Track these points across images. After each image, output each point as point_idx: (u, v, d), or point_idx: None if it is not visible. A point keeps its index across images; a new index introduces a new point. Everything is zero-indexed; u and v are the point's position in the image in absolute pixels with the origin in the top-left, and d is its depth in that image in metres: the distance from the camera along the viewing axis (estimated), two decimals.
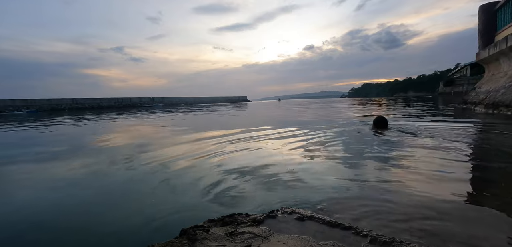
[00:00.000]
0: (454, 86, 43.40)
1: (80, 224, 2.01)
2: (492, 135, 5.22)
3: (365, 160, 3.41)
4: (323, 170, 3.04)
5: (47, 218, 2.14)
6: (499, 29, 13.81)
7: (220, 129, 7.79)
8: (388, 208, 1.92)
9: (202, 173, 3.16)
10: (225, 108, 24.64)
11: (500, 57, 11.98)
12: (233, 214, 1.78)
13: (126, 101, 48.46)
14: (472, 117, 8.58)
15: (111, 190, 2.79)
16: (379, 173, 2.82)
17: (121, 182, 3.03)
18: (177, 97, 61.14)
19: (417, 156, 3.48)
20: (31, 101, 37.22)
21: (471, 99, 13.62)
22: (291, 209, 1.83)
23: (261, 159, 3.69)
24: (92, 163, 4.01)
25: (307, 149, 4.28)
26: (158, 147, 5.03)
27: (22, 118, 19.14)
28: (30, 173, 3.66)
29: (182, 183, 2.81)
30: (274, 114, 14.45)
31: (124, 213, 2.18)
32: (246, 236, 1.50)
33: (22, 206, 2.42)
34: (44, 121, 14.17)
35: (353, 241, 1.43)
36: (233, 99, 79.34)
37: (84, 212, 2.23)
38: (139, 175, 3.23)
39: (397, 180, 2.57)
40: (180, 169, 3.39)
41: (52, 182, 3.15)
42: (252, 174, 2.98)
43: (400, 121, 7.89)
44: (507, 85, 10.32)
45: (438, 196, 2.13)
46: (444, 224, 1.67)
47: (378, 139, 4.94)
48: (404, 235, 1.52)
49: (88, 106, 41.99)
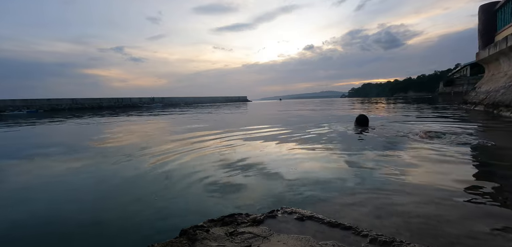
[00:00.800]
0: (454, 86, 43.43)
1: (79, 224, 2.01)
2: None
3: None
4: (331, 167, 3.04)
5: (46, 218, 2.14)
6: (499, 29, 13.82)
7: (221, 128, 7.79)
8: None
9: (202, 172, 3.15)
10: (225, 109, 24.64)
11: (500, 57, 11.99)
12: (233, 214, 1.78)
13: (126, 101, 48.48)
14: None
15: (111, 189, 2.79)
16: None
17: (120, 181, 3.03)
18: (177, 97, 61.18)
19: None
20: (31, 101, 37.25)
21: (471, 99, 13.63)
22: (291, 209, 1.83)
23: (261, 158, 3.70)
24: (91, 163, 4.01)
25: (310, 148, 4.29)
26: (158, 147, 5.03)
27: (22, 117, 19.15)
28: (27, 172, 3.66)
29: (182, 183, 2.81)
30: (273, 113, 14.46)
31: (124, 213, 2.17)
32: (246, 236, 1.50)
33: (20, 201, 2.43)
34: (44, 121, 14.18)
35: (353, 241, 1.43)
36: (233, 99, 79.36)
37: (83, 212, 2.23)
38: (139, 174, 3.23)
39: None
40: (180, 168, 3.39)
41: (52, 182, 3.15)
42: (252, 172, 2.98)
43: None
44: (507, 85, 10.33)
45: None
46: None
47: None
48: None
49: (88, 106, 42.00)
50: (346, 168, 3.08)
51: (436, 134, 4.88)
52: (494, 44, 12.39)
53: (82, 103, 42.72)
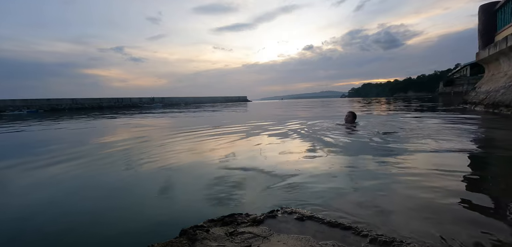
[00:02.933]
0: (454, 86, 43.42)
1: (79, 225, 2.00)
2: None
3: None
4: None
5: (45, 218, 2.14)
6: (499, 29, 13.81)
7: (221, 127, 7.79)
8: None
9: (202, 172, 3.16)
10: (225, 109, 24.64)
11: (500, 57, 11.99)
12: (233, 214, 1.78)
13: (126, 101, 48.48)
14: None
15: (110, 189, 2.79)
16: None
17: (120, 181, 3.02)
18: (177, 97, 61.18)
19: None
20: (31, 101, 37.25)
21: (471, 99, 13.63)
22: (291, 209, 1.84)
23: (262, 157, 3.70)
24: (91, 163, 4.01)
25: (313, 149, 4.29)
26: (157, 147, 5.03)
27: (23, 117, 19.15)
28: (31, 174, 3.66)
29: (182, 183, 2.81)
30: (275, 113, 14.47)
31: (124, 213, 2.17)
32: (246, 236, 1.50)
33: (21, 204, 2.43)
34: (45, 121, 14.18)
35: (353, 241, 1.43)
36: (233, 99, 79.35)
37: (82, 212, 2.23)
38: (139, 174, 3.23)
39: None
40: (180, 168, 3.39)
41: (51, 181, 3.15)
42: (251, 171, 2.98)
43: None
44: (507, 85, 10.33)
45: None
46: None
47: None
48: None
49: (88, 106, 42.00)
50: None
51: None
52: (494, 44, 12.39)
53: (82, 103, 42.73)
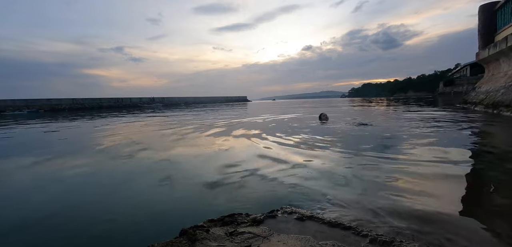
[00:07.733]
0: (454, 86, 43.36)
1: (79, 225, 2.01)
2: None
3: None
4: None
5: (45, 219, 2.14)
6: (499, 29, 13.80)
7: (221, 127, 7.79)
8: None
9: (202, 171, 3.16)
10: (226, 109, 24.62)
11: (500, 57, 11.98)
12: (233, 214, 1.78)
13: (126, 101, 48.44)
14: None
15: (111, 189, 2.79)
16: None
17: (120, 181, 3.03)
18: (177, 97, 61.12)
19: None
20: (32, 101, 37.20)
21: (471, 99, 13.63)
22: (291, 209, 1.84)
23: (261, 156, 3.70)
24: (91, 163, 4.01)
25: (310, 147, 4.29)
26: (157, 146, 5.03)
27: (24, 117, 19.14)
28: (35, 172, 3.66)
29: (182, 183, 2.81)
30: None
31: (124, 213, 2.17)
32: (246, 236, 1.50)
33: (23, 200, 2.43)
34: (44, 121, 14.17)
35: (353, 241, 1.43)
36: (233, 99, 79.32)
37: (82, 212, 2.23)
38: (139, 174, 3.24)
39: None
40: (179, 168, 3.39)
41: (50, 182, 3.15)
42: (251, 170, 2.98)
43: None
44: (507, 85, 10.32)
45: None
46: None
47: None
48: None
49: (88, 106, 41.97)
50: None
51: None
52: (494, 44, 12.38)
53: (82, 103, 42.68)
